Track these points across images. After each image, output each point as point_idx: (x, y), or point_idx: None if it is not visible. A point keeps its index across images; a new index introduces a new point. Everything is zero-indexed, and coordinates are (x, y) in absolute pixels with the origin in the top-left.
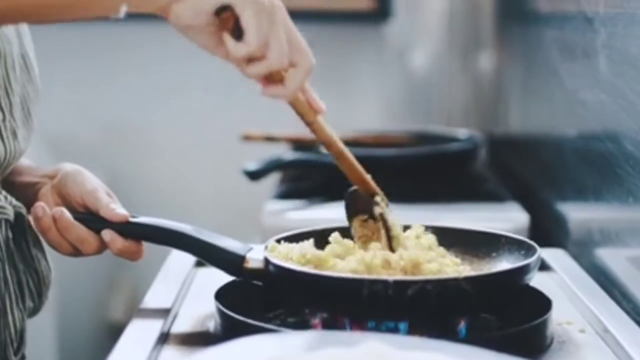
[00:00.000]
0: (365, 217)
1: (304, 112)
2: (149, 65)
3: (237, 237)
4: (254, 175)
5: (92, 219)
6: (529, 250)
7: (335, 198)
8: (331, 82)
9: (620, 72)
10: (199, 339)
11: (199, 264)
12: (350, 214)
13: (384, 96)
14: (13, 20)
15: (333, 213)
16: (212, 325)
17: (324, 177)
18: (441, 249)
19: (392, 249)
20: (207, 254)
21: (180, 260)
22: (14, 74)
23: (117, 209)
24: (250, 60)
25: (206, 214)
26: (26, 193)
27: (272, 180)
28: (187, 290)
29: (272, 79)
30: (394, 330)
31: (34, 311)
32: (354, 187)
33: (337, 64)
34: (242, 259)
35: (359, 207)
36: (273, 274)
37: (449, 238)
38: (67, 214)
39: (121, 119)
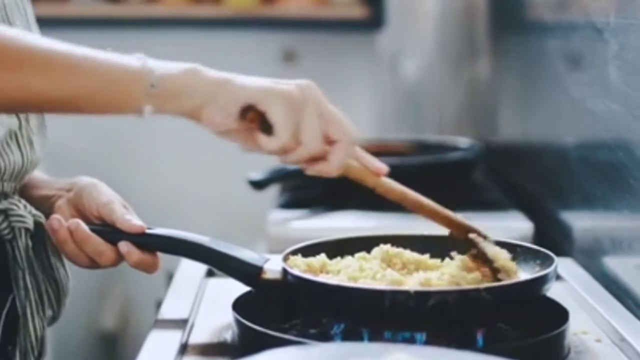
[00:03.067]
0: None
1: (362, 178)
2: None
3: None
4: (259, 185)
5: (109, 231)
6: (544, 260)
7: (338, 207)
8: (324, 90)
9: (633, 82)
10: (218, 350)
11: (209, 274)
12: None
13: (377, 104)
14: (33, 109)
15: (338, 222)
16: (229, 336)
17: (325, 187)
18: None
19: (498, 279)
20: (224, 265)
21: (191, 270)
22: None
23: (133, 220)
24: (286, 150)
25: (206, 223)
26: (42, 206)
27: (272, 190)
28: (201, 301)
29: (314, 157)
30: (411, 340)
31: (53, 319)
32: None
33: (330, 72)
34: (259, 269)
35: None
36: (292, 285)
37: (463, 248)
38: (84, 225)
39: (117, 127)
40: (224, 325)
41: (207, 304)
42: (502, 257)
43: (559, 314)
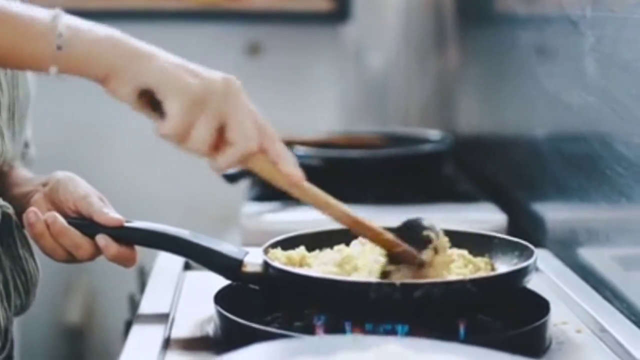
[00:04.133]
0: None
1: (278, 182)
2: None
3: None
4: (232, 178)
5: (86, 224)
6: (522, 251)
7: None
8: (288, 83)
9: (611, 75)
10: (201, 344)
11: (187, 268)
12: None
13: (342, 97)
14: None
15: (311, 215)
16: (211, 329)
17: None
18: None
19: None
20: (204, 258)
21: (168, 264)
22: (4, 76)
23: (110, 214)
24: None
25: (173, 216)
26: (21, 202)
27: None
28: (180, 295)
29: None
30: (392, 332)
31: (22, 309)
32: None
33: (295, 65)
34: (239, 263)
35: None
36: (275, 278)
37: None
38: (61, 219)
39: (86, 119)
40: (205, 319)
41: (186, 297)
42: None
43: (539, 305)
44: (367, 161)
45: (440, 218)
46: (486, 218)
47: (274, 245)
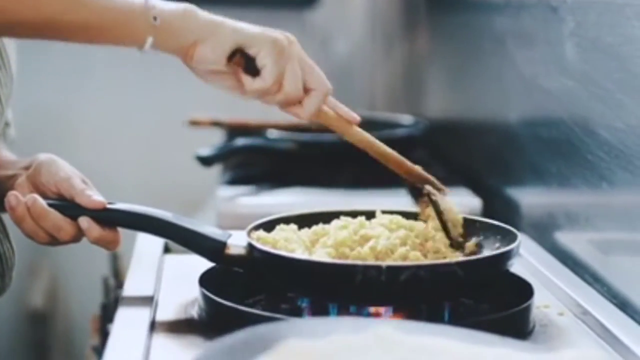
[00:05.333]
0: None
1: (334, 126)
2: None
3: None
4: (207, 161)
5: (68, 206)
6: (505, 235)
7: (282, 184)
8: None
9: (592, 60)
10: (187, 327)
11: (166, 251)
12: (416, 198)
13: None
14: (47, 35)
15: (286, 199)
16: (195, 312)
17: (270, 163)
18: None
19: (447, 231)
20: (188, 240)
21: (148, 247)
22: None
23: (93, 196)
24: (267, 93)
25: (142, 201)
26: (5, 186)
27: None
28: (161, 277)
29: (290, 102)
30: (376, 315)
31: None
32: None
33: None
34: (223, 245)
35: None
36: (260, 260)
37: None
38: (41, 200)
39: (51, 105)
40: (189, 302)
41: (168, 280)
42: (453, 210)
43: (521, 289)
44: (338, 145)
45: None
46: (460, 202)
47: (256, 228)
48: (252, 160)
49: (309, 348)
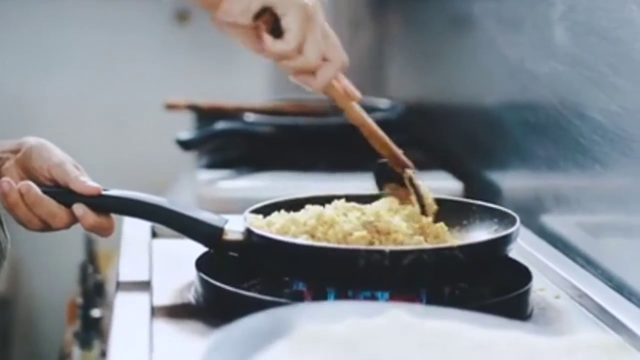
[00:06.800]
0: (395, 185)
1: (338, 99)
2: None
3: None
4: (187, 145)
5: (61, 193)
6: (502, 218)
7: (261, 168)
8: (218, 50)
9: (585, 44)
10: (185, 311)
11: (154, 235)
12: (381, 182)
13: (271, 65)
14: None
15: (267, 183)
16: (192, 296)
17: (248, 147)
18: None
19: (425, 214)
20: (184, 226)
21: (136, 232)
22: None
23: (88, 182)
24: (287, 57)
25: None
26: None
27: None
28: (152, 262)
29: (304, 70)
30: (372, 299)
31: None
32: (382, 161)
33: (220, 34)
34: (220, 231)
35: (389, 176)
36: (259, 246)
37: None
38: (35, 188)
39: (12, 88)
40: (184, 286)
41: (160, 265)
42: (430, 196)
43: (516, 272)
44: (316, 129)
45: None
46: (441, 186)
47: (254, 212)
48: (229, 144)
49: (327, 332)
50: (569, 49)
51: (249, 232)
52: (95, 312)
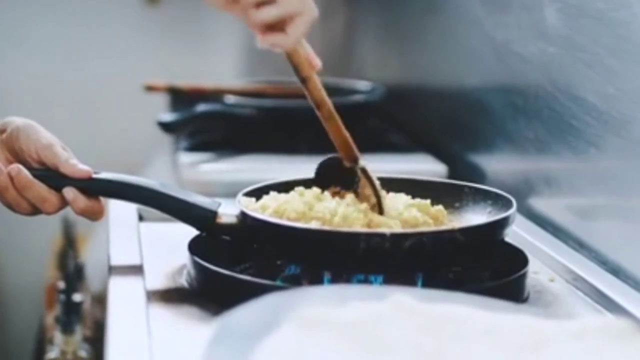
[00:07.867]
0: (337, 189)
1: (302, 66)
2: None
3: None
4: (169, 127)
5: (51, 176)
6: (495, 200)
7: (241, 151)
8: (188, 32)
9: (578, 26)
10: (179, 295)
11: (140, 219)
12: (323, 184)
13: (242, 48)
14: None
15: (250, 165)
16: (184, 280)
17: (228, 129)
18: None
19: (380, 207)
20: (177, 210)
21: (122, 214)
22: None
23: (78, 165)
24: (260, 5)
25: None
26: None
27: (153, 134)
28: (141, 246)
29: (273, 27)
30: (365, 282)
31: None
32: (329, 157)
33: (193, 15)
34: (214, 214)
35: (332, 177)
36: (253, 229)
37: (407, 189)
38: (25, 171)
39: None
40: (176, 270)
41: (149, 248)
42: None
43: (509, 255)
44: (297, 111)
45: (379, 169)
46: (424, 168)
47: (247, 195)
48: (210, 126)
49: (332, 315)
50: (561, 31)
51: (244, 216)
52: (77, 297)
